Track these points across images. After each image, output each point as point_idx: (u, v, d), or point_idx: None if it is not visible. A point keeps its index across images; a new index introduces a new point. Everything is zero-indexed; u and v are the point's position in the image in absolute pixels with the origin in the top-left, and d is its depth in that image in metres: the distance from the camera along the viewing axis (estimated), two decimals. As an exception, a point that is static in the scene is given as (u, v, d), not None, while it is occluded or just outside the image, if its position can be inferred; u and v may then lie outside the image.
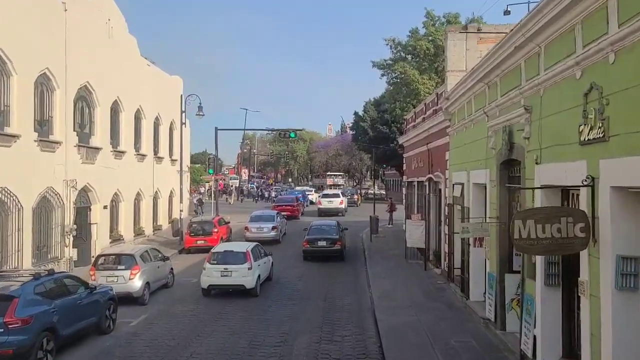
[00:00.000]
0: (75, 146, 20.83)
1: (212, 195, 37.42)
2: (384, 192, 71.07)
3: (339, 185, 75.76)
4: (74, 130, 21.01)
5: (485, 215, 14.42)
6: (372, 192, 72.69)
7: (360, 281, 19.75)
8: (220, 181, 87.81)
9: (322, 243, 23.66)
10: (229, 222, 28.77)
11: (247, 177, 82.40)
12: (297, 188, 72.57)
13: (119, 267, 15.94)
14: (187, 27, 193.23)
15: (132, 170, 26.50)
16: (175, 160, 34.19)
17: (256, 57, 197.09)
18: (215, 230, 25.36)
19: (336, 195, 46.18)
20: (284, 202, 42.23)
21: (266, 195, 65.75)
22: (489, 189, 13.26)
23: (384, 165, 66.98)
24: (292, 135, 34.66)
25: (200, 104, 28.46)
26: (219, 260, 17.14)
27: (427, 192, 22.68)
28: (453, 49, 18.53)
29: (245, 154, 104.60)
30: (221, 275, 16.76)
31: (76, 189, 20.40)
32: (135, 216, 27.53)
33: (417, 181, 25.37)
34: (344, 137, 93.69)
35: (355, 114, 77.42)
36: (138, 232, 27.56)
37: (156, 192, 30.26)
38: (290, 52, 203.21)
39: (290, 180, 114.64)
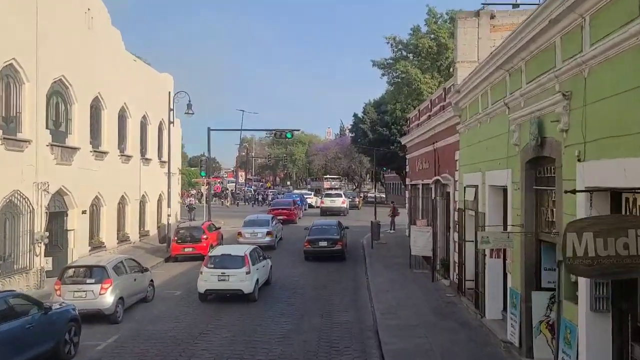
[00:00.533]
0: (48, 145, 19.01)
1: (205, 198, 35.68)
2: (384, 196, 69.62)
3: (336, 188, 75.05)
4: (47, 128, 19.19)
5: (505, 222, 12.67)
6: (372, 195, 71.45)
7: (362, 294, 17.92)
8: (218, 184, 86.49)
9: (323, 243, 23.73)
10: (219, 228, 26.92)
11: (244, 180, 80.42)
12: (295, 191, 70.73)
13: (89, 281, 14.10)
14: (186, 29, 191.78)
15: (116, 173, 24.67)
16: (166, 162, 32.41)
17: (255, 60, 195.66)
18: (205, 236, 23.51)
19: (338, 195, 48.46)
20: (280, 206, 40.44)
21: (260, 198, 63.82)
22: (510, 192, 11.45)
23: (384, 168, 65.32)
24: (289, 135, 32.87)
25: (189, 101, 26.71)
26: (216, 264, 16.54)
27: (434, 195, 20.88)
28: (463, 37, 16.76)
29: (242, 157, 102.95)
30: (218, 280, 16.23)
31: (48, 192, 18.56)
32: (120, 222, 25.69)
33: (422, 184, 23.58)
34: (343, 139, 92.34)
35: (355, 115, 75.86)
36: (122, 238, 25.72)
37: (143, 195, 28.44)
38: (290, 56, 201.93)
39: (288, 183, 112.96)
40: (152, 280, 17.04)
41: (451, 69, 45.27)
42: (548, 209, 9.88)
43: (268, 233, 27.08)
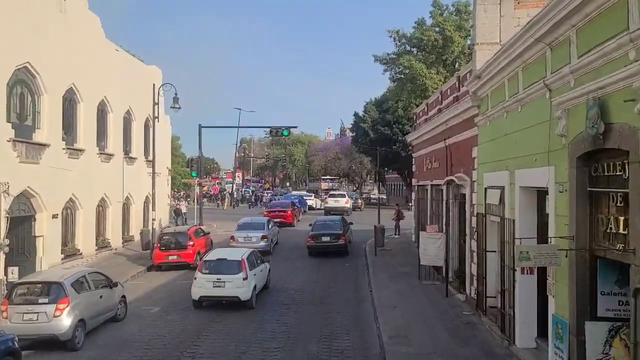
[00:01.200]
0: (9, 141, 16.79)
1: (195, 200, 33.52)
2: (385, 197, 67.62)
3: (335, 189, 74.17)
4: (9, 122, 16.99)
5: (541, 232, 10.47)
6: (374, 196, 69.58)
7: (365, 309, 15.69)
8: (216, 185, 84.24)
9: (326, 238, 23.88)
10: (208, 233, 24.68)
11: (241, 181, 78.20)
12: (294, 192, 68.52)
13: (41, 300, 11.88)
14: (185, 29, 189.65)
15: (95, 172, 22.46)
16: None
17: (255, 61, 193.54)
18: (191, 243, 21.26)
19: (342, 196, 49.79)
20: (277, 208, 38.18)
21: (253, 199, 61.59)
22: (553, 196, 9.22)
23: (386, 169, 63.14)
24: (285, 133, 30.63)
25: (175, 94, 24.45)
26: (211, 270, 15.72)
27: (445, 197, 18.67)
28: (483, 15, 14.53)
29: (240, 158, 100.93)
30: (214, 286, 15.38)
31: (9, 194, 16.34)
32: (99, 226, 23.48)
33: (431, 185, 21.36)
34: (343, 140, 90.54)
35: (355, 114, 73.85)
36: (102, 244, 23.51)
37: (127, 197, 26.23)
38: (290, 55, 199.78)
39: (288, 184, 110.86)
40: (123, 297, 14.78)
41: (457, 64, 43.33)
42: (609, 217, 7.65)
43: (263, 237, 25.02)
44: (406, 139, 28.00)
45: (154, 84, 24.23)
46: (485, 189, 13.45)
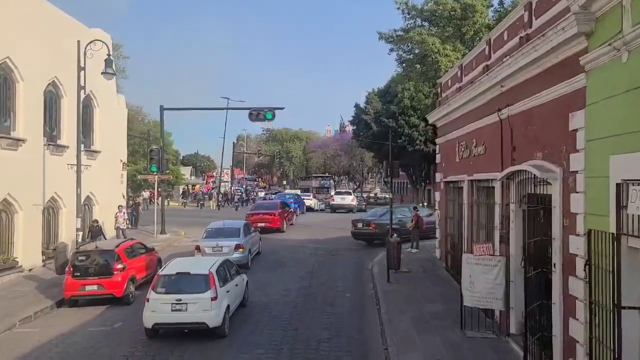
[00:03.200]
0: None
1: (157, 201, 26.96)
2: (388, 196, 61.46)
3: (326, 187, 71.54)
4: None
5: None
6: (380, 195, 63.48)
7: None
8: (209, 184, 77.61)
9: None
10: (153, 250, 17.83)
11: (230, 179, 71.51)
12: (288, 190, 61.85)
13: None
14: (185, 29, 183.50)
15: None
16: (98, 152, 23.57)
17: (254, 59, 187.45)
18: (120, 266, 14.49)
19: (348, 193, 51.69)
20: (262, 210, 31.46)
21: (236, 199, 55.17)
22: None
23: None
24: (268, 115, 23.91)
25: (109, 54, 17.66)
26: (169, 288, 12.16)
27: (501, 200, 11.99)
28: None
29: (236, 156, 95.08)
30: (172, 310, 11.75)
31: None
32: (2, 240, 16.81)
33: (471, 180, 14.65)
34: (343, 135, 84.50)
35: (356, 106, 67.33)
36: (5, 265, 16.80)
37: (53, 199, 19.55)
38: (289, 55, 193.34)
39: (284, 182, 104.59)
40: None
41: (477, 40, 36.60)
42: None
43: (238, 247, 19.21)
44: (428, 119, 21.19)
45: (78, 41, 17.47)
46: (620, 184, 6.79)
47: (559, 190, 9.06)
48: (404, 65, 41.49)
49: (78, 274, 14.32)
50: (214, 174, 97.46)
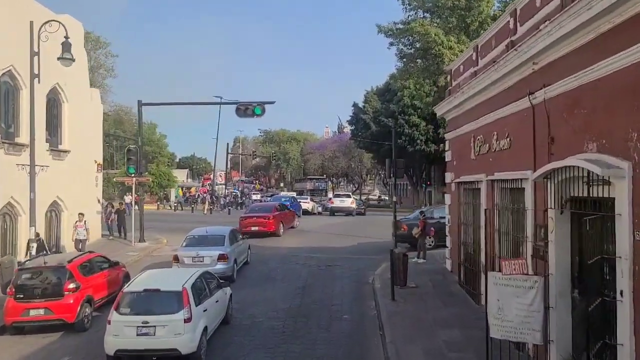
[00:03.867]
0: None
1: (135, 205, 24.61)
2: (387, 199, 59.91)
3: (321, 189, 71.63)
4: None
5: None
6: (380, 197, 61.19)
7: None
8: (205, 186, 75.26)
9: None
10: (117, 264, 15.35)
11: (224, 181, 69.20)
12: (283, 193, 59.51)
13: None
14: (184, 29, 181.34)
15: None
16: (67, 151, 21.20)
17: (252, 60, 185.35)
18: (72, 286, 12.09)
19: (347, 196, 50.16)
20: (255, 213, 29.12)
21: (225, 203, 53.23)
22: None
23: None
24: (257, 110, 21.60)
25: (66, 36, 15.29)
26: (134, 308, 10.20)
27: (533, 204, 9.65)
28: None
29: (234, 157, 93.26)
30: (138, 334, 9.81)
31: None
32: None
33: (492, 181, 12.25)
34: (341, 136, 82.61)
35: (355, 105, 65.40)
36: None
37: (9, 205, 17.16)
38: (288, 55, 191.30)
39: (282, 184, 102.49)
40: None
41: (482, 31, 34.35)
42: None
43: (221, 257, 16.93)
44: (435, 111, 18.81)
45: (31, 22, 15.10)
46: None
47: (626, 192, 6.74)
48: (404, 60, 39.11)
49: (21, 295, 11.90)
50: (211, 176, 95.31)
